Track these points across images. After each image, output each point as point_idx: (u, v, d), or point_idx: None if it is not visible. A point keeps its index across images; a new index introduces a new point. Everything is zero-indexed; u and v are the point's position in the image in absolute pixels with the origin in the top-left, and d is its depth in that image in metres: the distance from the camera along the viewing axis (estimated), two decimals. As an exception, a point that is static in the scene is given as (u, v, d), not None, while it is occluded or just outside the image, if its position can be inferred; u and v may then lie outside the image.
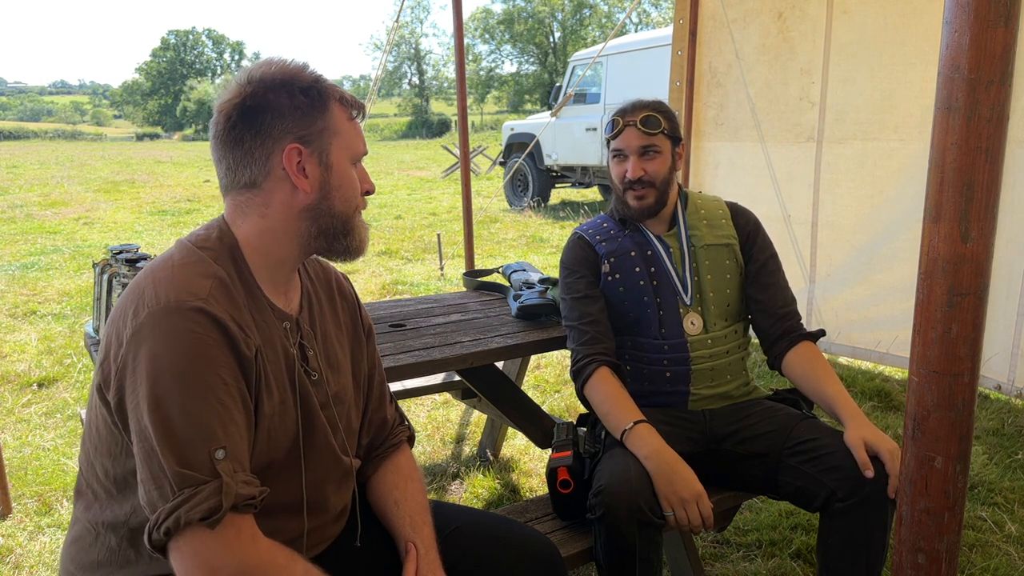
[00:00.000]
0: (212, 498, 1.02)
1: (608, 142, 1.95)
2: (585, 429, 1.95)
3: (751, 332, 2.05)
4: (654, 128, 1.86)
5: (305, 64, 1.20)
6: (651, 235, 1.97)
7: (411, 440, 1.51)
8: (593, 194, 12.74)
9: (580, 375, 1.87)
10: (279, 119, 1.15)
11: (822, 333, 1.96)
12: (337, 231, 1.21)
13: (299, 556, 1.14)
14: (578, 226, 2.08)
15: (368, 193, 1.27)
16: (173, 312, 1.06)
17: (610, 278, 1.94)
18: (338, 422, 1.30)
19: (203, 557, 1.02)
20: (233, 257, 1.18)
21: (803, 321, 1.98)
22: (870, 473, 1.57)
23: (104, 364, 1.11)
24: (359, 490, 1.43)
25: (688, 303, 1.92)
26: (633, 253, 1.95)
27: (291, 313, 1.25)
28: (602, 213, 2.09)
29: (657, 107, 1.91)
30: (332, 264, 1.43)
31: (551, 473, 1.73)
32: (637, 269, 1.94)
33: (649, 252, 1.95)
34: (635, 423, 1.70)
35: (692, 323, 1.91)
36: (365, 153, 1.25)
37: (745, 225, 2.01)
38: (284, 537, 1.17)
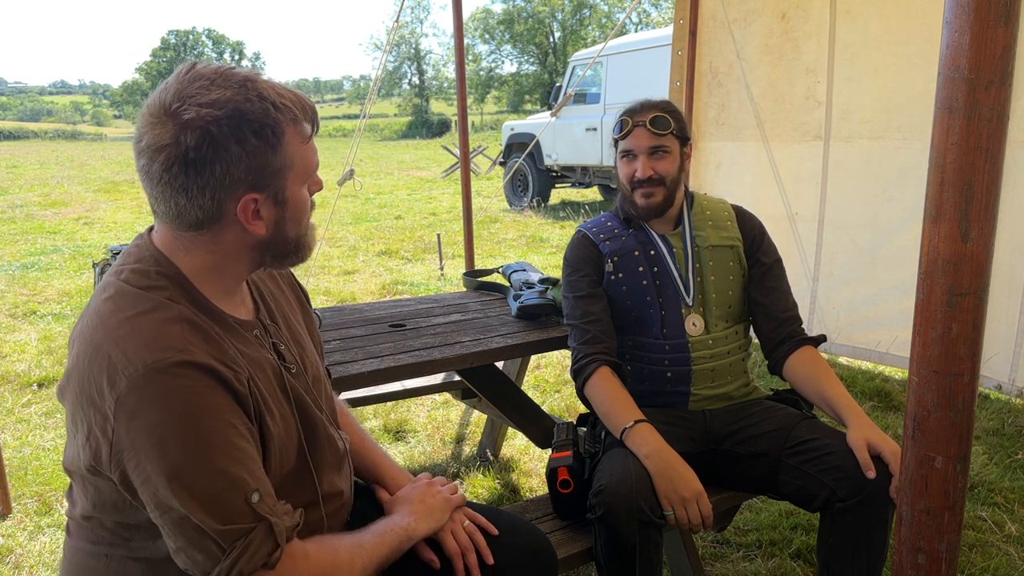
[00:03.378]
0: (267, 541, 1.03)
1: (616, 142, 1.95)
2: (585, 429, 1.95)
3: (751, 334, 2.05)
4: (663, 129, 1.86)
5: (247, 84, 1.04)
6: (655, 235, 1.97)
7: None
8: (593, 194, 12.74)
9: (580, 374, 1.87)
10: (231, 169, 1.03)
11: (823, 338, 1.96)
12: (288, 252, 1.17)
13: (330, 536, 1.19)
14: (582, 224, 2.08)
15: (317, 191, 1.18)
16: (156, 373, 0.97)
17: (613, 277, 1.95)
18: (321, 403, 1.30)
19: None
20: (184, 289, 1.09)
21: (805, 320, 1.98)
22: (872, 474, 1.58)
23: (89, 442, 1.02)
24: None
25: (690, 304, 1.92)
26: (636, 252, 1.95)
27: (252, 318, 1.21)
28: (606, 212, 2.10)
29: (666, 107, 1.91)
30: None
31: (551, 473, 1.73)
32: (640, 268, 1.94)
33: (652, 252, 1.95)
34: (635, 422, 1.70)
35: (694, 324, 1.91)
36: (318, 165, 1.15)
37: (751, 229, 2.01)
38: (306, 531, 1.20)
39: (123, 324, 1.02)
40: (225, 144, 1.01)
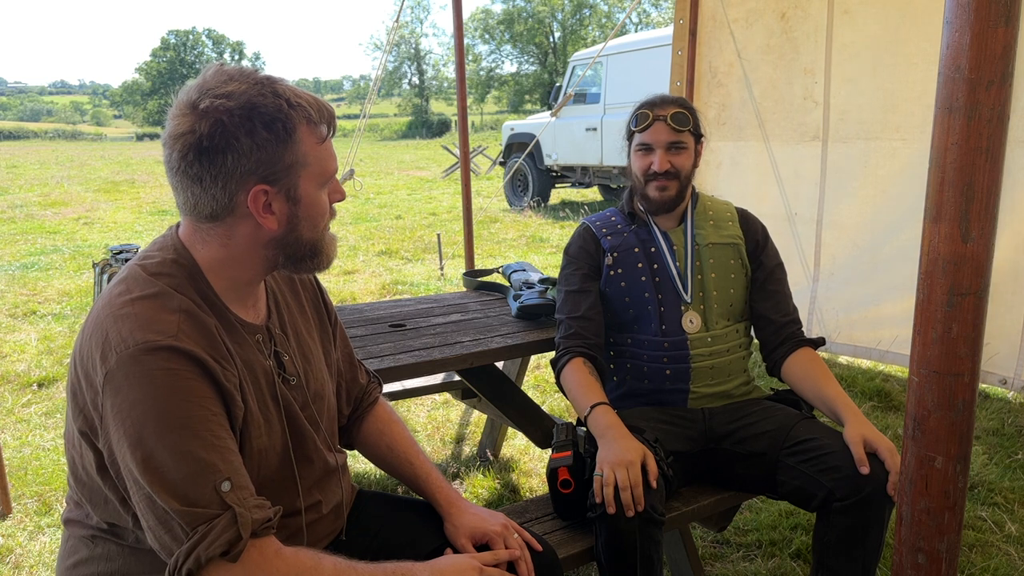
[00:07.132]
0: (229, 530, 1.00)
1: (632, 135, 1.96)
2: (585, 428, 1.95)
3: (752, 334, 2.05)
4: (683, 125, 1.89)
5: (264, 82, 1.07)
6: (657, 231, 1.98)
7: (380, 388, 1.58)
8: (593, 194, 12.73)
9: (556, 365, 1.93)
10: (241, 159, 1.05)
11: (822, 341, 1.97)
12: (304, 255, 1.16)
13: (321, 553, 1.13)
14: (586, 217, 2.11)
15: (338, 201, 1.19)
16: (144, 354, 1.00)
17: (612, 272, 1.96)
18: (319, 420, 1.30)
19: None
20: (195, 281, 1.12)
21: (805, 321, 1.99)
22: (865, 470, 1.59)
23: (84, 411, 1.06)
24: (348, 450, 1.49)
25: (688, 301, 1.93)
26: (636, 249, 1.97)
27: (260, 323, 1.22)
28: (612, 207, 2.11)
29: (684, 103, 1.94)
30: None
31: (552, 473, 1.73)
32: (639, 265, 1.95)
33: (653, 248, 1.97)
34: (593, 406, 1.75)
35: (690, 321, 1.92)
36: (336, 170, 1.16)
37: (753, 231, 2.03)
38: (284, 535, 1.18)
39: (125, 305, 1.05)
40: (236, 134, 1.04)
